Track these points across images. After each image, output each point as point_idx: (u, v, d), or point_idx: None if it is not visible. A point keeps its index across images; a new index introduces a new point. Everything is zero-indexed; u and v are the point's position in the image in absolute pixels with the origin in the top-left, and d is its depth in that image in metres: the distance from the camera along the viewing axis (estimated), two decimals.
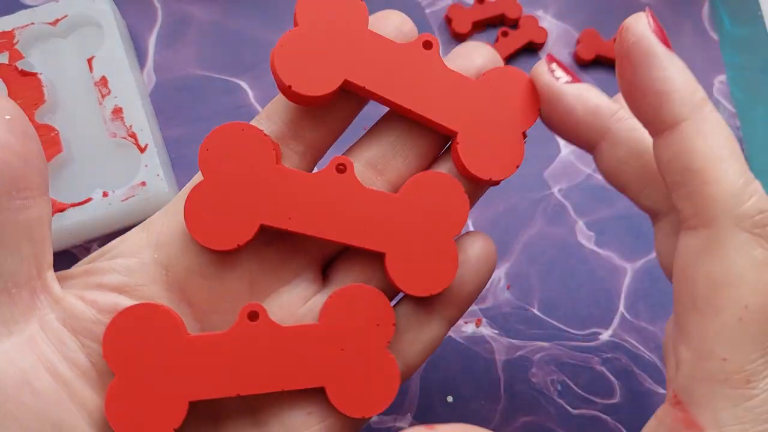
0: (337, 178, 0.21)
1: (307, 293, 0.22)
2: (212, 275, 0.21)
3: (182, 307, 0.21)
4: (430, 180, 0.21)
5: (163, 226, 0.21)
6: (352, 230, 0.21)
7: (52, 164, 0.30)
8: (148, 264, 0.21)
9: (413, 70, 0.21)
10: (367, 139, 0.23)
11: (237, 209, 0.20)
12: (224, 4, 0.36)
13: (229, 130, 0.21)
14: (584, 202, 0.34)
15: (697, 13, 0.37)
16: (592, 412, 0.32)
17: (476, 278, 0.22)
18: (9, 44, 0.31)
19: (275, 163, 0.21)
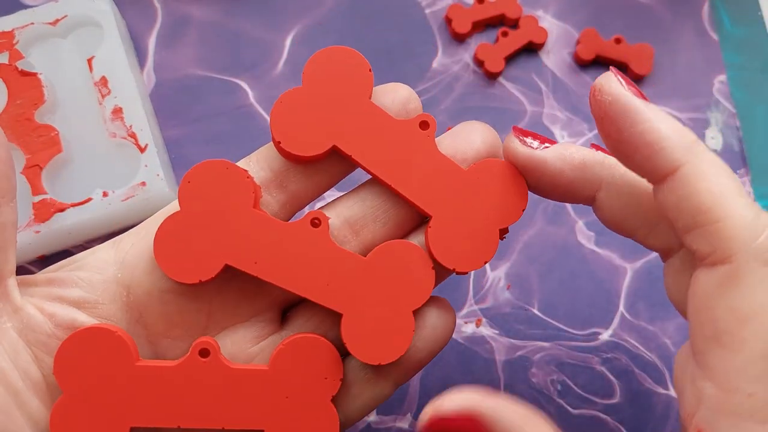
0: (309, 232, 0.21)
1: (262, 333, 0.22)
2: (171, 302, 0.21)
3: (137, 328, 0.21)
4: (400, 249, 0.21)
5: (132, 247, 0.21)
6: (314, 286, 0.21)
7: (52, 164, 0.30)
8: (110, 282, 0.21)
9: (403, 148, 0.22)
10: (351, 196, 0.23)
11: (205, 245, 0.21)
12: (224, 4, 0.36)
13: (213, 166, 0.21)
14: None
15: (697, 13, 0.37)
16: (592, 412, 0.32)
17: (429, 346, 0.22)
18: (9, 44, 0.31)
19: (252, 207, 0.21)
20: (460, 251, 0.21)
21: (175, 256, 0.21)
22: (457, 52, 0.36)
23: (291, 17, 0.36)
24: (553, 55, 0.36)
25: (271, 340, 0.22)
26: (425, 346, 0.22)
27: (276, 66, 0.35)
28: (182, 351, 0.22)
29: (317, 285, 0.21)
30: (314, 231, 0.21)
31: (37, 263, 0.32)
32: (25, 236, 0.30)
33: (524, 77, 0.36)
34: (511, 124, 0.35)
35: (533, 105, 0.35)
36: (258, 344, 0.22)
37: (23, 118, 0.30)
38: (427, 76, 0.36)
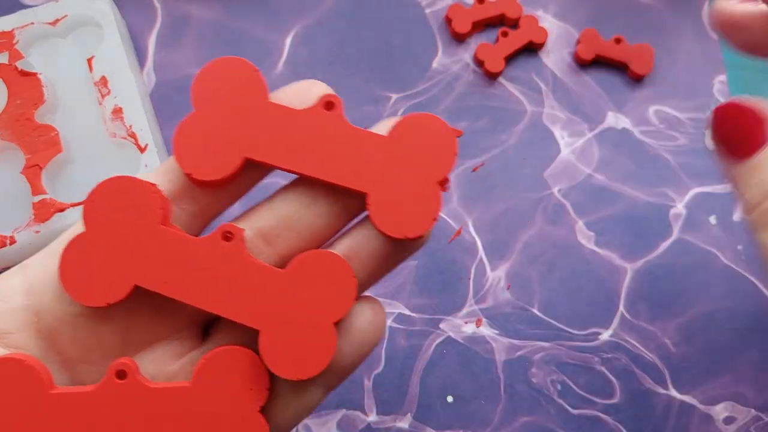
0: (221, 247, 0.20)
1: (182, 350, 0.22)
2: (84, 326, 0.21)
3: (51, 354, 0.21)
4: (319, 259, 0.21)
5: (38, 271, 0.21)
6: (229, 303, 0.20)
7: (52, 164, 0.30)
8: (18, 310, 0.20)
9: (316, 136, 0.21)
10: (263, 206, 0.22)
11: (112, 267, 0.20)
12: (224, 4, 0.36)
13: (117, 182, 0.20)
14: (584, 202, 0.34)
15: (697, 13, 0.37)
16: (592, 412, 0.32)
17: (357, 349, 0.21)
18: (9, 44, 0.31)
19: (159, 223, 0.20)
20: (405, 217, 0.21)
21: (81, 279, 0.20)
22: (457, 52, 0.36)
23: (291, 17, 0.36)
24: (553, 55, 0.36)
25: (192, 356, 0.21)
26: (353, 350, 0.21)
27: (276, 66, 0.35)
28: (101, 375, 0.21)
29: (232, 302, 0.20)
30: (227, 245, 0.20)
31: None
32: (24, 236, 0.30)
33: (524, 77, 0.36)
34: (511, 124, 0.35)
35: (533, 105, 0.35)
36: (178, 361, 0.21)
37: (23, 118, 0.30)
38: (427, 76, 0.36)
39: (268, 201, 0.22)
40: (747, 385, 0.33)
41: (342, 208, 0.22)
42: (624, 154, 0.35)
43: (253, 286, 0.20)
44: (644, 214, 0.34)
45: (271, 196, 0.22)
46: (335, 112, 0.21)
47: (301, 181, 0.22)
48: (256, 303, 0.20)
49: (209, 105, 0.21)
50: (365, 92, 0.35)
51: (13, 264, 0.31)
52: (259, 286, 0.20)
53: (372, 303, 0.22)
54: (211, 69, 0.21)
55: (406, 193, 0.21)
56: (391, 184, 0.21)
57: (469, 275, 0.33)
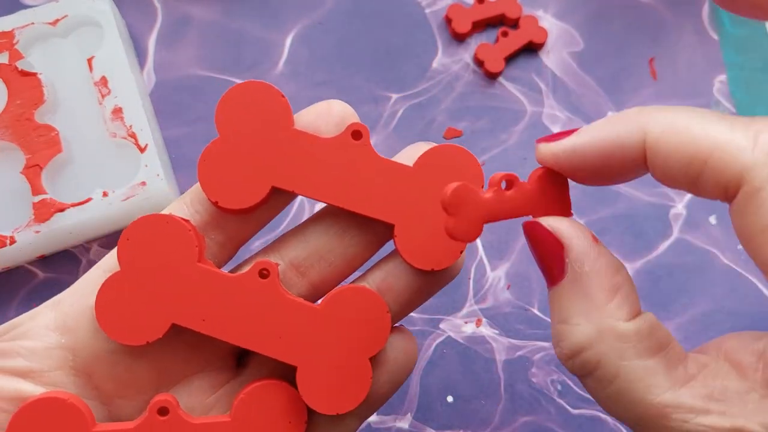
0: (258, 284, 0.20)
1: (218, 381, 0.22)
2: (119, 363, 0.21)
3: (88, 390, 0.21)
4: (353, 295, 0.21)
5: (72, 308, 0.21)
6: (266, 340, 0.20)
7: (52, 164, 0.30)
8: (53, 348, 0.20)
9: (342, 165, 0.21)
10: (295, 236, 0.22)
11: (150, 306, 0.20)
12: (224, 4, 0.36)
13: (152, 221, 0.20)
14: (584, 201, 0.34)
15: (698, 13, 0.37)
16: (592, 412, 0.32)
17: (393, 378, 0.22)
18: (9, 44, 0.31)
19: (196, 261, 0.20)
20: (432, 248, 0.21)
21: (118, 318, 0.20)
22: (457, 52, 0.36)
23: (291, 17, 0.36)
24: (553, 54, 0.36)
25: (228, 388, 0.22)
26: (387, 381, 0.22)
27: (276, 66, 0.35)
28: (137, 409, 0.21)
29: (269, 339, 0.20)
30: (263, 282, 0.20)
31: (37, 263, 0.32)
32: (25, 236, 0.30)
33: (524, 77, 0.36)
34: (511, 124, 0.35)
35: (533, 105, 0.35)
36: (215, 394, 0.22)
37: (23, 118, 0.30)
38: (427, 76, 0.36)
39: (299, 232, 0.22)
40: None
41: (372, 238, 0.22)
42: None
43: (290, 323, 0.20)
44: (644, 214, 0.34)
45: (300, 225, 0.22)
46: (362, 141, 0.21)
47: (329, 211, 0.22)
48: (293, 339, 0.20)
49: (234, 131, 0.21)
50: (365, 92, 0.35)
51: (13, 264, 0.31)
52: (295, 323, 0.20)
53: (404, 333, 0.22)
54: (235, 93, 0.21)
55: (433, 224, 0.21)
56: (418, 215, 0.21)
57: (469, 275, 0.33)
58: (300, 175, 0.21)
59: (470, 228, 0.19)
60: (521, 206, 0.19)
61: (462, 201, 0.19)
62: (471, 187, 0.19)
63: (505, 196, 0.19)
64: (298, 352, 0.20)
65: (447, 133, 0.35)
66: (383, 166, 0.21)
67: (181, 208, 0.21)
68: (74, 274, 0.32)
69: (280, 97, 0.21)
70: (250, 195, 0.21)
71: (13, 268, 0.32)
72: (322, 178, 0.21)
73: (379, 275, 0.22)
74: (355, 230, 0.22)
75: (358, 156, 0.21)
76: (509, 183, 0.19)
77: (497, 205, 0.19)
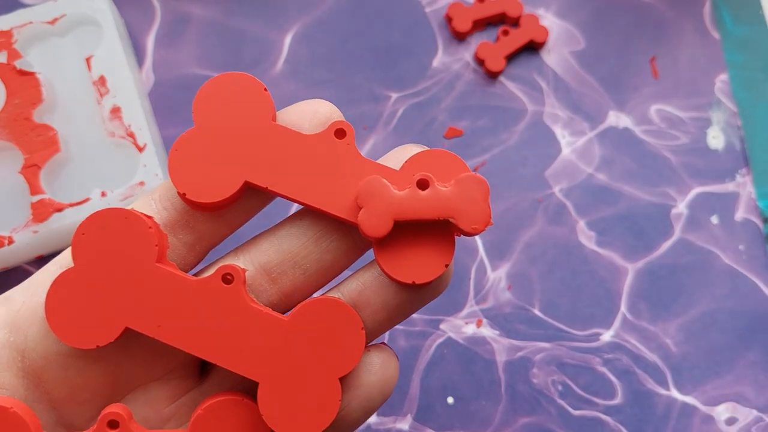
0: (221, 290, 0.19)
1: (177, 391, 0.20)
2: (71, 366, 0.19)
3: (38, 394, 0.19)
4: (323, 307, 0.19)
5: (23, 306, 0.19)
6: (227, 352, 0.19)
7: (50, 164, 0.30)
8: (1, 347, 0.19)
9: (323, 164, 0.19)
10: (267, 238, 0.20)
11: (103, 307, 0.19)
12: (224, 3, 0.36)
13: (110, 215, 0.19)
14: (585, 201, 0.34)
15: (699, 12, 0.37)
16: (593, 413, 0.32)
17: (365, 403, 0.20)
18: (7, 43, 0.31)
19: (155, 261, 0.19)
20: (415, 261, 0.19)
21: (69, 319, 0.18)
22: (458, 51, 0.36)
23: (291, 16, 0.36)
24: (554, 53, 0.36)
25: (187, 399, 0.20)
26: (359, 406, 0.20)
27: (276, 65, 0.35)
28: (89, 416, 0.20)
29: (230, 350, 0.19)
30: (227, 288, 0.19)
31: (35, 263, 0.32)
32: (23, 236, 0.29)
33: (525, 76, 0.36)
34: (512, 123, 0.35)
35: (534, 104, 0.35)
36: (174, 403, 0.20)
37: (21, 117, 0.30)
38: (427, 75, 0.35)
39: (273, 234, 0.20)
40: (749, 385, 0.32)
41: (351, 245, 0.20)
42: (625, 153, 0.35)
43: (253, 335, 0.19)
44: (645, 214, 0.34)
45: (274, 227, 0.21)
46: (346, 140, 0.19)
47: (307, 213, 0.20)
48: (256, 353, 0.19)
49: (211, 121, 0.19)
50: (365, 91, 0.35)
51: (11, 264, 0.31)
52: (259, 335, 0.19)
53: (382, 352, 0.20)
54: (216, 83, 0.20)
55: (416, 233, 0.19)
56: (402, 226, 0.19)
57: (469, 275, 0.33)
58: (276, 171, 0.19)
59: (378, 222, 0.18)
60: (435, 208, 0.19)
61: (372, 194, 0.18)
62: (382, 181, 0.18)
63: (419, 195, 0.18)
64: (261, 368, 0.19)
65: (448, 132, 0.35)
66: (367, 167, 0.19)
67: (148, 204, 0.20)
68: None
69: (262, 90, 0.20)
70: (220, 188, 0.19)
71: (11, 269, 0.32)
72: (300, 177, 0.19)
73: (355, 287, 0.20)
74: (333, 235, 0.20)
75: (341, 156, 0.19)
76: (422, 183, 0.19)
77: (409, 203, 0.18)
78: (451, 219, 0.19)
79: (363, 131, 0.34)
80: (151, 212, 0.20)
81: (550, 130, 0.35)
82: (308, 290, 0.20)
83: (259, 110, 0.19)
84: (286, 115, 0.20)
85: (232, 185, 0.19)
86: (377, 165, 0.19)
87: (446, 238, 0.19)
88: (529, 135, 0.35)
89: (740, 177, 0.35)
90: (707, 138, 0.35)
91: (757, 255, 0.34)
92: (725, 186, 0.35)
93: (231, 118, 0.19)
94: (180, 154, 0.19)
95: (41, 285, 0.19)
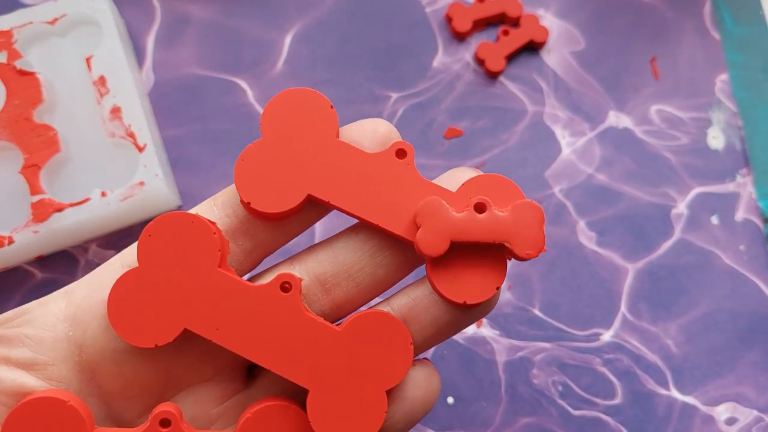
0: (278, 298, 0.19)
1: (225, 392, 0.21)
2: (126, 363, 0.20)
3: (90, 387, 0.20)
4: (375, 320, 0.20)
5: (84, 300, 0.20)
6: (280, 358, 0.19)
7: (50, 164, 0.30)
8: (60, 340, 0.20)
9: (383, 182, 0.20)
10: (323, 249, 0.21)
11: (164, 307, 0.19)
12: (223, 3, 0.36)
13: (177, 219, 0.19)
14: (585, 202, 0.34)
15: (699, 12, 0.37)
16: (594, 414, 0.32)
17: (409, 416, 0.20)
18: (7, 43, 0.31)
19: (217, 266, 0.19)
20: (469, 282, 0.20)
21: (130, 318, 0.19)
22: (458, 51, 0.36)
23: (291, 16, 0.36)
24: (555, 54, 0.36)
25: (235, 401, 0.21)
26: (403, 419, 0.20)
27: (275, 65, 0.35)
28: (139, 412, 0.20)
29: (283, 357, 0.19)
30: (284, 297, 0.19)
31: (35, 263, 0.32)
32: (23, 236, 0.29)
33: (525, 76, 0.36)
34: (512, 124, 0.35)
35: (534, 104, 0.35)
36: (222, 405, 0.21)
37: (22, 117, 0.30)
38: (427, 75, 0.35)
39: (329, 245, 0.21)
40: (749, 385, 0.32)
41: (403, 261, 0.21)
42: (625, 153, 0.35)
43: (307, 343, 0.19)
44: (646, 214, 0.34)
45: (331, 239, 0.21)
46: (406, 161, 0.20)
47: (363, 227, 0.21)
48: (308, 361, 0.19)
49: (278, 134, 0.20)
50: (365, 91, 0.35)
51: (11, 264, 0.31)
52: (312, 344, 0.19)
53: (426, 367, 0.21)
54: (284, 98, 0.20)
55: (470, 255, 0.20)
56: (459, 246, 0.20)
57: None
58: (338, 186, 0.20)
59: (435, 241, 0.19)
60: (492, 232, 0.19)
61: (431, 214, 0.19)
62: (441, 202, 0.19)
63: (476, 218, 0.19)
64: (312, 375, 0.19)
65: (447, 132, 0.35)
66: (425, 188, 0.20)
67: (210, 209, 0.21)
68: (73, 275, 0.32)
69: (328, 106, 0.20)
70: (284, 200, 0.20)
71: (11, 269, 0.32)
72: (360, 193, 0.20)
73: (405, 302, 0.21)
74: (388, 251, 0.21)
75: (400, 175, 0.20)
76: (480, 207, 0.19)
77: (466, 225, 0.19)
78: (506, 243, 0.19)
79: None
80: (214, 218, 0.20)
81: (550, 130, 0.35)
82: (359, 302, 0.21)
83: (325, 126, 0.20)
84: (348, 132, 0.21)
85: (296, 197, 0.20)
86: (435, 186, 0.20)
87: (498, 261, 0.20)
88: (529, 135, 0.35)
89: (740, 177, 0.35)
90: (707, 138, 0.35)
91: (758, 255, 0.34)
92: (725, 186, 0.35)
93: (297, 132, 0.20)
94: (246, 164, 0.20)
95: (103, 281, 0.20)
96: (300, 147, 0.20)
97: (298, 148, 0.20)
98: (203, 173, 0.34)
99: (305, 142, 0.20)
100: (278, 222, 0.21)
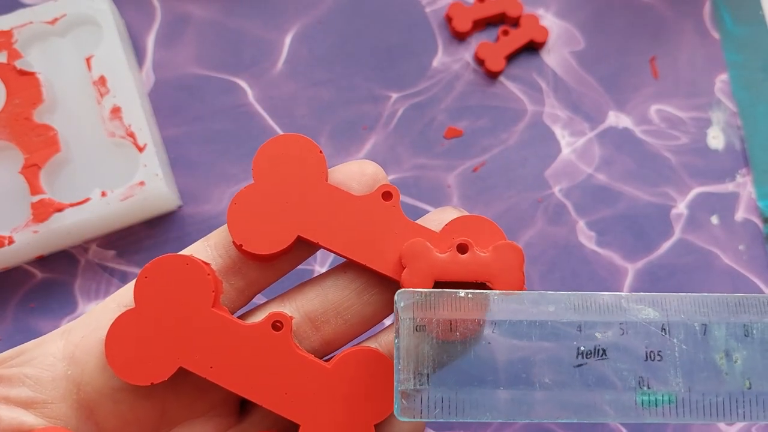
0: (270, 336, 0.20)
1: (219, 428, 0.21)
2: (123, 401, 0.21)
3: (88, 425, 0.20)
4: (364, 357, 0.20)
5: (83, 340, 0.21)
6: (272, 394, 0.20)
7: (50, 164, 0.30)
8: (59, 379, 0.20)
9: (370, 223, 0.21)
10: (313, 288, 0.22)
11: (159, 347, 0.20)
12: (223, 3, 0.36)
13: (172, 261, 0.20)
14: (585, 201, 0.34)
15: (699, 12, 0.37)
16: None
17: None
18: (7, 43, 0.31)
19: (211, 306, 0.20)
20: None
21: (127, 357, 0.20)
22: (458, 51, 0.36)
23: (290, 16, 0.36)
24: (554, 53, 0.36)
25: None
26: None
27: (275, 65, 0.35)
28: None
29: (275, 393, 0.20)
30: (275, 335, 0.20)
31: (35, 263, 0.32)
32: (23, 236, 0.29)
33: (525, 76, 0.36)
34: (511, 123, 0.35)
35: (534, 104, 0.35)
36: None
37: (22, 117, 0.30)
38: (427, 75, 0.35)
39: (318, 284, 0.22)
40: None
41: (391, 299, 0.22)
42: (625, 153, 0.35)
43: (297, 379, 0.20)
44: (645, 214, 0.34)
45: (319, 277, 0.22)
46: (392, 203, 0.21)
47: (351, 266, 0.22)
48: (299, 397, 0.20)
49: (269, 178, 0.21)
50: (365, 91, 0.35)
51: (11, 264, 0.31)
52: (303, 380, 0.20)
53: None
54: (275, 143, 0.21)
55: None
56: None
57: None
58: (327, 228, 0.21)
59: (420, 282, 0.20)
60: (474, 272, 0.20)
61: (416, 255, 0.20)
62: (426, 244, 0.20)
63: (459, 259, 0.20)
64: (303, 410, 0.20)
65: (447, 132, 0.35)
66: (410, 229, 0.21)
67: (203, 249, 0.21)
68: (73, 275, 0.32)
69: (317, 151, 0.21)
70: (275, 242, 0.21)
71: (12, 269, 0.32)
72: (348, 234, 0.21)
73: (392, 338, 0.21)
74: (375, 289, 0.22)
75: (386, 216, 0.21)
76: (462, 248, 0.20)
77: (449, 266, 0.20)
78: (487, 282, 0.20)
79: (363, 131, 0.34)
80: (207, 258, 0.21)
81: (550, 130, 0.35)
82: (348, 338, 0.22)
83: (314, 170, 0.21)
84: (335, 173, 0.22)
85: (286, 239, 0.21)
86: (419, 227, 0.21)
87: None
88: (529, 135, 0.35)
89: (740, 177, 0.35)
90: (707, 138, 0.35)
91: (758, 255, 0.34)
92: (725, 186, 0.35)
93: (287, 177, 0.21)
94: (238, 207, 0.21)
95: (100, 321, 0.21)
96: (290, 190, 0.21)
97: (288, 191, 0.21)
98: (203, 173, 0.34)
99: (295, 185, 0.21)
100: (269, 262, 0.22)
